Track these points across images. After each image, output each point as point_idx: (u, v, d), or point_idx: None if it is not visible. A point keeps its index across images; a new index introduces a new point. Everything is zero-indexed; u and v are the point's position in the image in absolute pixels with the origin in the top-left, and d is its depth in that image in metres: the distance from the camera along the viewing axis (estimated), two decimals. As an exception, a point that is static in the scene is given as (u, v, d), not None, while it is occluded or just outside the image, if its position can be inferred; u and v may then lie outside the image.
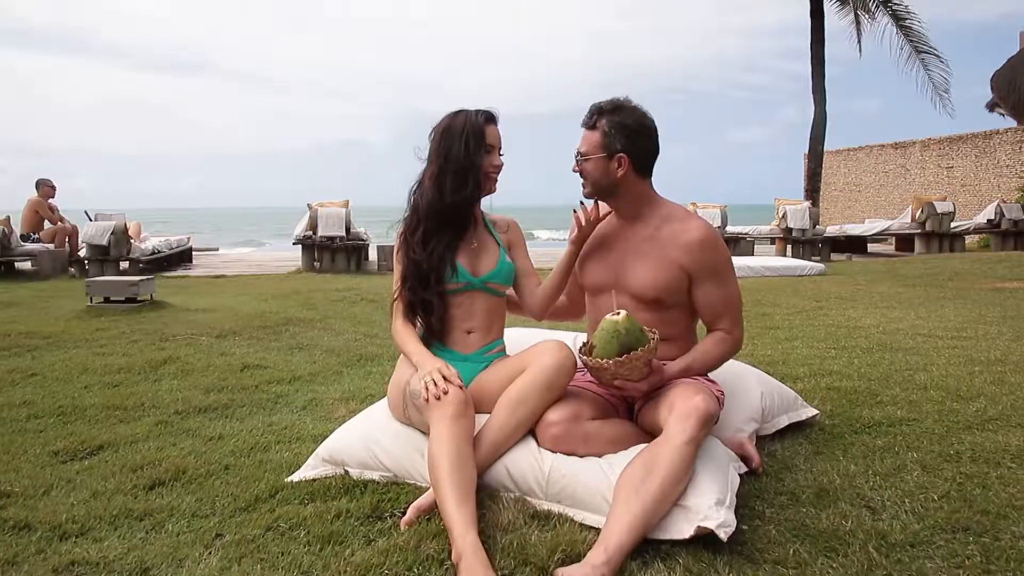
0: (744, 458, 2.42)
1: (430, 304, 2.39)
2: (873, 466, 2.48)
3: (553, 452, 2.17)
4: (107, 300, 6.51)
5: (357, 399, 3.51)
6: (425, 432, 2.24)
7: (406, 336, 2.40)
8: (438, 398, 2.12)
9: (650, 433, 2.27)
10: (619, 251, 2.43)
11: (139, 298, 6.55)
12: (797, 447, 2.69)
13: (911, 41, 15.77)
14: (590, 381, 2.41)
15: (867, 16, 16.17)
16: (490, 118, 2.42)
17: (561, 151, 2.80)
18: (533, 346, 2.32)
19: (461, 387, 2.17)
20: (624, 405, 2.41)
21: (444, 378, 2.17)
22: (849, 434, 2.84)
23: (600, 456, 2.18)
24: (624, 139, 2.33)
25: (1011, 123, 16.36)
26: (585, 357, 2.22)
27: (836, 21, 16.37)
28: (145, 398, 3.53)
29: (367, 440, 2.42)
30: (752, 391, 2.73)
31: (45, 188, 10.76)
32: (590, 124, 2.38)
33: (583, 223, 2.40)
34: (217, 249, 17.39)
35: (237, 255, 15.36)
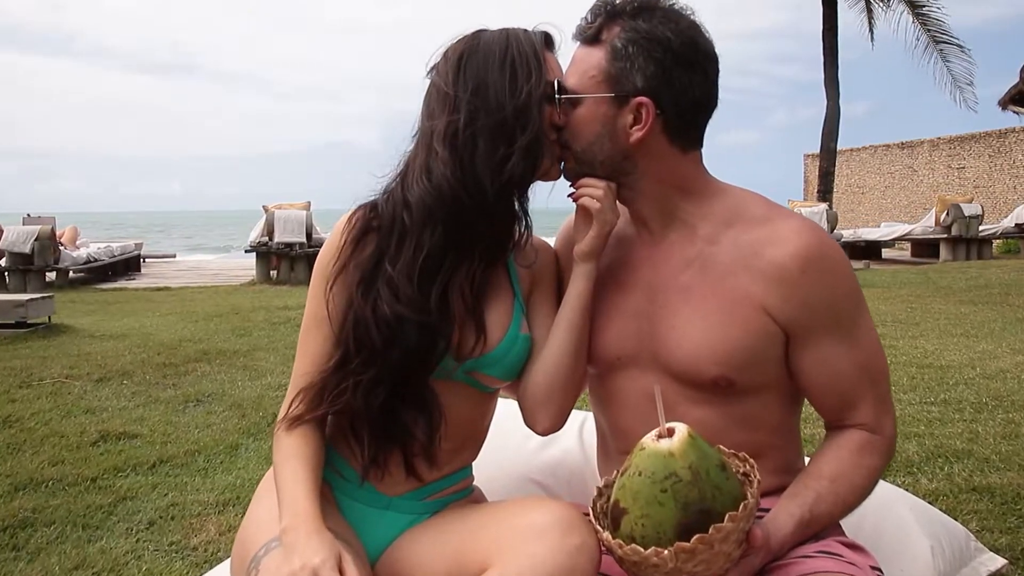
0: None
1: (419, 405, 1.09)
2: None
3: None
4: (-11, 324, 5.24)
5: (241, 504, 2.27)
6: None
7: (292, 458, 1.09)
8: None
9: None
10: (643, 289, 1.17)
11: (30, 321, 5.30)
12: (998, 647, 1.47)
13: (928, 30, 14.60)
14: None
15: (881, 5, 14.99)
16: (550, 40, 1.15)
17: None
18: (512, 511, 1.05)
19: None
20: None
21: None
22: (1068, 604, 1.62)
23: None
24: (652, 67, 1.08)
25: (1024, 120, 15.28)
26: (610, 537, 0.94)
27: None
28: (-85, 501, 2.29)
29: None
30: (913, 540, 1.48)
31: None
32: (591, 35, 1.12)
33: (596, 205, 1.13)
34: (174, 256, 16.05)
35: (194, 262, 14.05)
